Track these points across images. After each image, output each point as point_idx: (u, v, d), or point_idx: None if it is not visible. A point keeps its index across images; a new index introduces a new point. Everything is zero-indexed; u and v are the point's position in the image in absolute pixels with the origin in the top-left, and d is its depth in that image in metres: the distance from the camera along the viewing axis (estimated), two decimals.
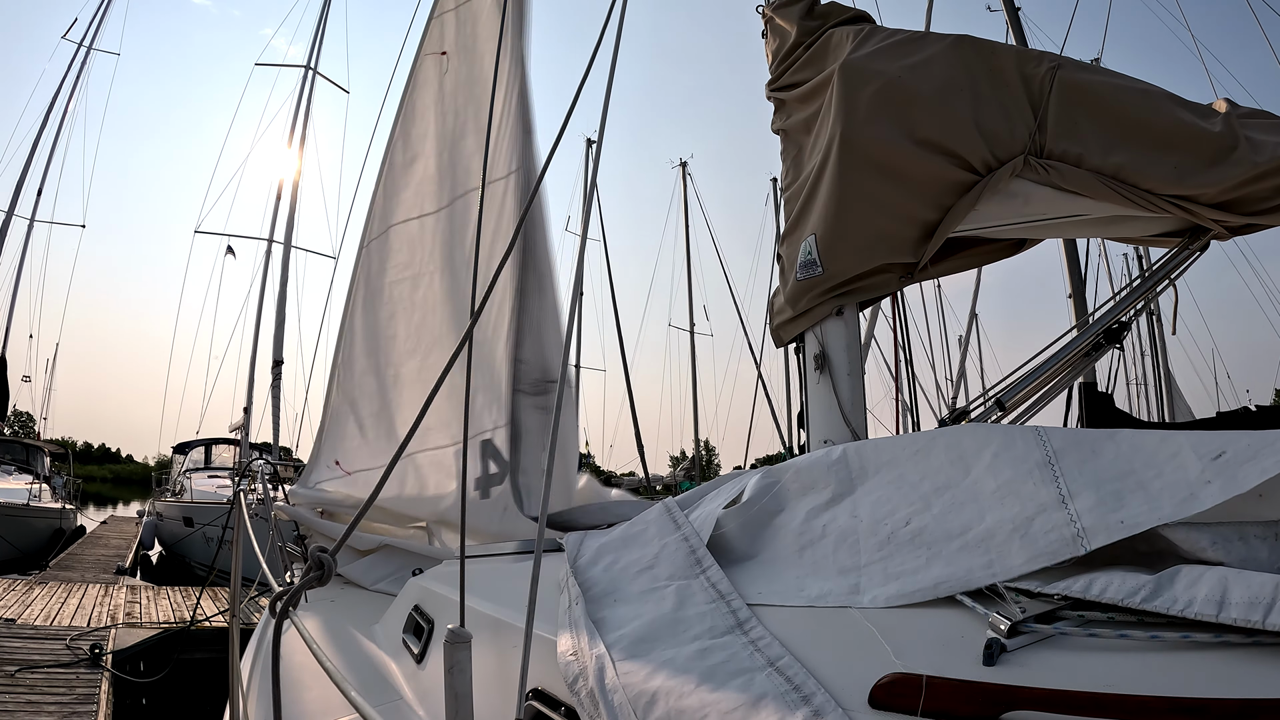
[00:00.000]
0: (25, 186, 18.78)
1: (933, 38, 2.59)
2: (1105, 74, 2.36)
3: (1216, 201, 2.19)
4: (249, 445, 17.07)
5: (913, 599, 1.25)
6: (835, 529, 1.53)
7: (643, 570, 1.54)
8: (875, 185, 2.45)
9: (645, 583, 1.47)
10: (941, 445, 1.60)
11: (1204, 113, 2.24)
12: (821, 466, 1.75)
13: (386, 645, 2.32)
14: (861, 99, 2.51)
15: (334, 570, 1.11)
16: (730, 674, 1.06)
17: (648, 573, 1.52)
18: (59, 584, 9.40)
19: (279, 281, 16.23)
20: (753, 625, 1.21)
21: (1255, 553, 1.15)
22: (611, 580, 1.53)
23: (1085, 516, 1.24)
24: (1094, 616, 1.08)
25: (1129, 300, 2.52)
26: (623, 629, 1.27)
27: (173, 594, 8.94)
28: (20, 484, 15.80)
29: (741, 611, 1.27)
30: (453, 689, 1.10)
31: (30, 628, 6.62)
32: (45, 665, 5.44)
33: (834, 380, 2.53)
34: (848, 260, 2.46)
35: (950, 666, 1.00)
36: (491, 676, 1.46)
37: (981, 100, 2.38)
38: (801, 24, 2.90)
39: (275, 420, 15.06)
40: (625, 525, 1.87)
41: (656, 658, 1.16)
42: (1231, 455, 1.21)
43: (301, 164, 17.59)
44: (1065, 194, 2.30)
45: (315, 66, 18.06)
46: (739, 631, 1.20)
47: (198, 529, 13.62)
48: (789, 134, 2.91)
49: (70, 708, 4.72)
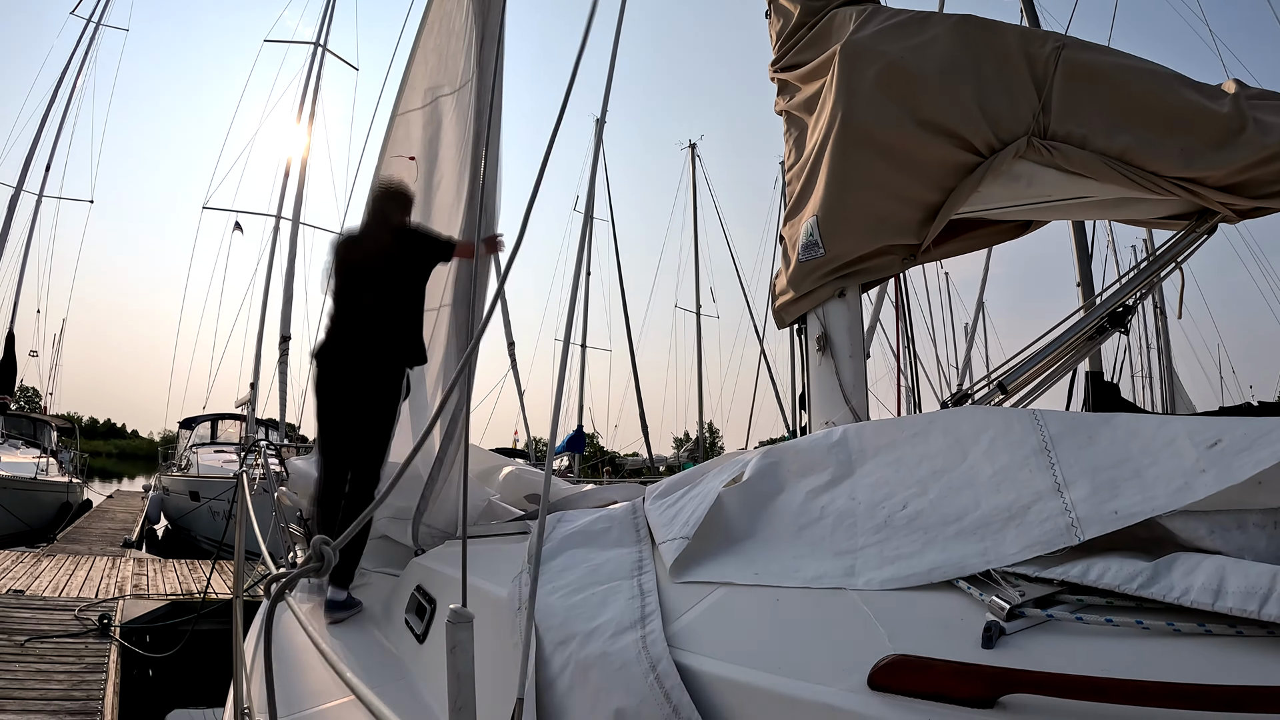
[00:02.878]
0: (33, 162, 18.65)
1: (935, 18, 2.56)
2: (1111, 54, 2.33)
3: (1224, 184, 2.17)
4: (255, 421, 17.11)
5: (907, 583, 1.26)
6: (833, 510, 1.55)
7: (592, 569, 1.62)
8: (878, 167, 2.44)
9: (586, 584, 1.54)
10: (940, 428, 1.61)
11: (1212, 94, 2.21)
12: (821, 448, 1.76)
13: (388, 625, 2.34)
14: (864, 80, 2.49)
15: (333, 562, 1.12)
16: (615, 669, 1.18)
17: (591, 573, 1.60)
18: (66, 556, 9.48)
19: (287, 258, 16.14)
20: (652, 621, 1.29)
21: (1254, 541, 1.15)
22: (561, 583, 1.59)
23: (1080, 506, 1.24)
24: (1093, 601, 1.08)
25: (1135, 283, 2.50)
26: (550, 619, 1.40)
27: (179, 567, 9.02)
28: (27, 458, 15.89)
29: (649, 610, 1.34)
30: (454, 668, 1.11)
31: (39, 599, 6.70)
32: (54, 635, 5.51)
33: (836, 362, 2.53)
34: (850, 242, 2.45)
35: (949, 649, 1.01)
36: (493, 656, 1.48)
37: (985, 81, 2.36)
38: (805, 4, 2.87)
39: (282, 396, 15.05)
40: (595, 520, 1.93)
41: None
42: (1227, 444, 1.21)
43: (310, 141, 17.47)
44: (1070, 176, 2.29)
45: (325, 43, 17.85)
46: (639, 626, 1.28)
47: (203, 503, 13.72)
48: (792, 115, 2.89)
49: (79, 676, 4.79)
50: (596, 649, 1.23)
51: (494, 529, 2.59)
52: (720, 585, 1.42)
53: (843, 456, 1.70)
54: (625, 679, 1.15)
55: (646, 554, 1.66)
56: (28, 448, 17.29)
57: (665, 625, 1.29)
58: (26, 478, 14.52)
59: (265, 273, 16.25)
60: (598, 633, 1.28)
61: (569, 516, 2.02)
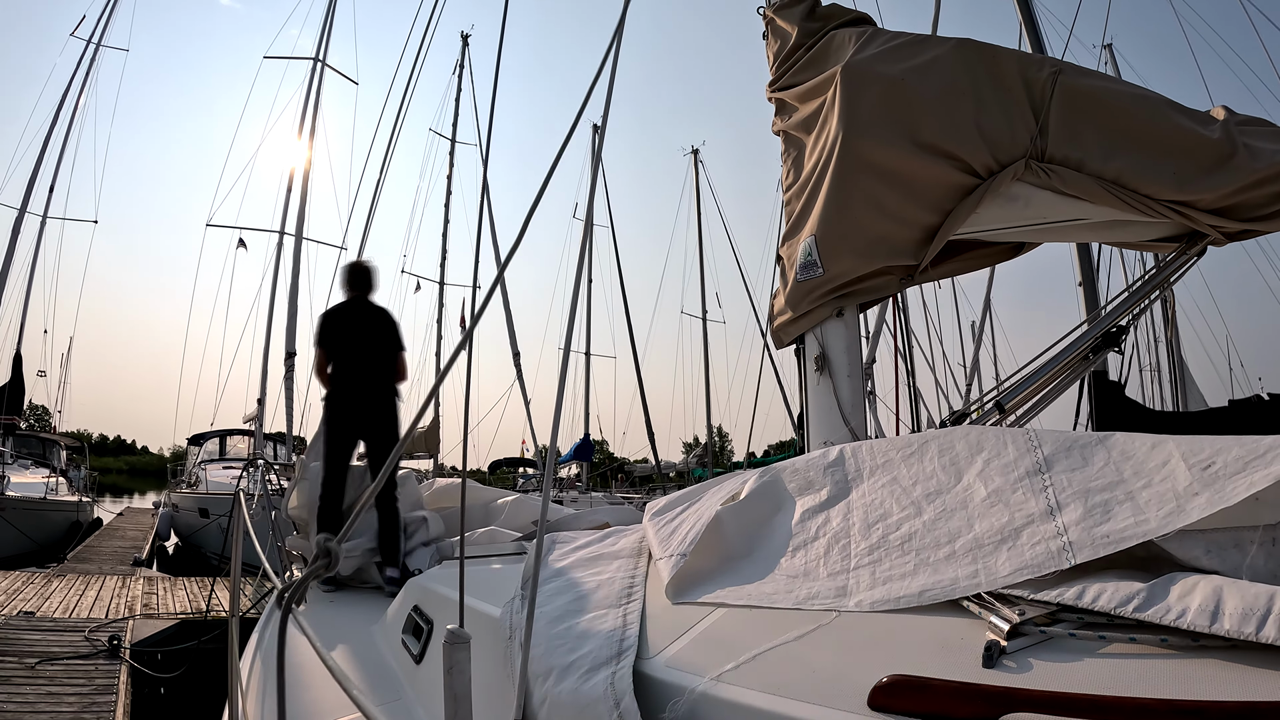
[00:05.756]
0: (37, 183, 18.93)
1: (935, 41, 2.60)
2: (1106, 79, 2.37)
3: (1214, 207, 2.20)
4: (263, 436, 17.19)
5: (898, 605, 1.26)
6: (828, 531, 1.56)
7: (581, 596, 1.64)
8: (876, 187, 2.46)
9: (572, 611, 1.56)
10: (935, 449, 1.62)
11: (1203, 119, 2.24)
12: (818, 467, 1.78)
13: (386, 645, 2.35)
14: (864, 101, 2.52)
15: (339, 558, 1.13)
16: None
17: (578, 600, 1.61)
18: (77, 576, 9.50)
19: (290, 273, 16.30)
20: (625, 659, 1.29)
21: (1251, 560, 1.14)
22: (549, 608, 1.60)
23: (1072, 530, 1.24)
24: (1092, 620, 1.08)
25: (1126, 305, 2.53)
26: (533, 649, 1.39)
27: (189, 584, 9.03)
28: (37, 478, 15.98)
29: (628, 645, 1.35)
30: (452, 689, 1.12)
31: (49, 620, 6.71)
32: (64, 656, 5.52)
33: (834, 381, 2.54)
34: (848, 262, 2.48)
35: (949, 668, 1.01)
36: (490, 677, 1.49)
37: (983, 104, 2.39)
38: (803, 25, 2.91)
39: (289, 411, 15.15)
40: (602, 544, 1.95)
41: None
42: (1220, 466, 1.20)
43: (311, 156, 17.66)
44: (1065, 198, 2.31)
45: (324, 58, 18.09)
46: (613, 662, 1.28)
47: (213, 519, 13.75)
48: (789, 134, 2.92)
49: (90, 698, 4.80)
50: (570, 686, 1.24)
51: (492, 549, 2.62)
52: (717, 606, 1.44)
53: (839, 476, 1.71)
54: (592, 719, 1.16)
55: (640, 577, 1.67)
56: (37, 467, 17.40)
57: (662, 647, 1.30)
58: (36, 498, 14.58)
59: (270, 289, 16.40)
60: (574, 668, 1.28)
61: (565, 538, 2.04)
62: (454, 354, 1.60)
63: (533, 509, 4.15)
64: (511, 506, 4.29)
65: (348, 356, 4.27)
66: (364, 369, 4.26)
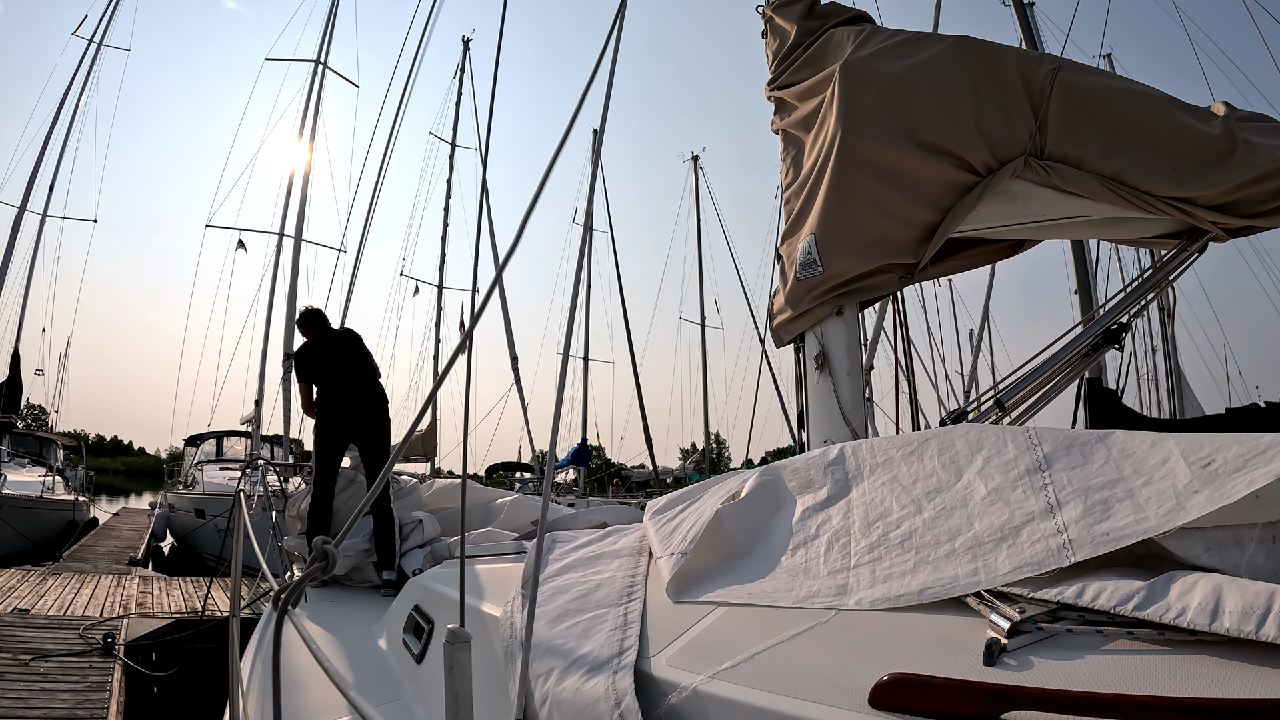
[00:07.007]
0: (37, 182, 18.90)
1: (933, 39, 2.59)
2: (1106, 76, 2.36)
3: (1215, 204, 2.19)
4: (261, 437, 17.17)
5: (898, 604, 1.26)
6: (829, 529, 1.56)
7: (581, 595, 1.63)
8: (875, 186, 2.46)
9: (573, 610, 1.55)
10: (934, 447, 1.61)
11: (1203, 116, 2.24)
12: (818, 466, 1.77)
13: (387, 645, 2.35)
14: (863, 99, 2.52)
15: (336, 560, 1.13)
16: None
17: (580, 599, 1.61)
18: (72, 575, 9.48)
19: (289, 275, 16.30)
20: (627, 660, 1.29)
21: (1252, 557, 1.13)
22: (550, 607, 1.60)
23: (1072, 527, 1.23)
24: (1092, 617, 1.07)
25: (1127, 302, 2.52)
26: (534, 648, 1.39)
27: (184, 585, 9.01)
28: (34, 476, 15.94)
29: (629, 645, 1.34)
30: (452, 689, 1.12)
31: (44, 617, 6.70)
32: (59, 654, 5.51)
33: (834, 380, 2.54)
34: (848, 260, 2.47)
35: (949, 666, 1.00)
36: (491, 676, 1.48)
37: (982, 101, 2.38)
38: (802, 24, 2.91)
39: (286, 412, 15.13)
40: (602, 543, 1.94)
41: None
42: (1220, 464, 1.20)
43: (311, 158, 17.66)
44: (1065, 195, 2.31)
45: (325, 61, 18.09)
46: (614, 661, 1.28)
47: (209, 520, 13.72)
48: (789, 133, 2.92)
49: (84, 695, 4.79)
50: (571, 685, 1.24)
51: (493, 549, 2.61)
52: (718, 605, 1.43)
53: (839, 474, 1.71)
54: (593, 718, 1.16)
55: (640, 576, 1.67)
56: (34, 466, 17.36)
57: (663, 645, 1.29)
58: (32, 496, 14.55)
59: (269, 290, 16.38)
60: (575, 667, 1.28)
61: (564, 537, 2.03)
62: (453, 357, 1.60)
63: (531, 509, 4.15)
64: (510, 507, 4.31)
65: (331, 378, 4.53)
66: (350, 383, 4.52)
